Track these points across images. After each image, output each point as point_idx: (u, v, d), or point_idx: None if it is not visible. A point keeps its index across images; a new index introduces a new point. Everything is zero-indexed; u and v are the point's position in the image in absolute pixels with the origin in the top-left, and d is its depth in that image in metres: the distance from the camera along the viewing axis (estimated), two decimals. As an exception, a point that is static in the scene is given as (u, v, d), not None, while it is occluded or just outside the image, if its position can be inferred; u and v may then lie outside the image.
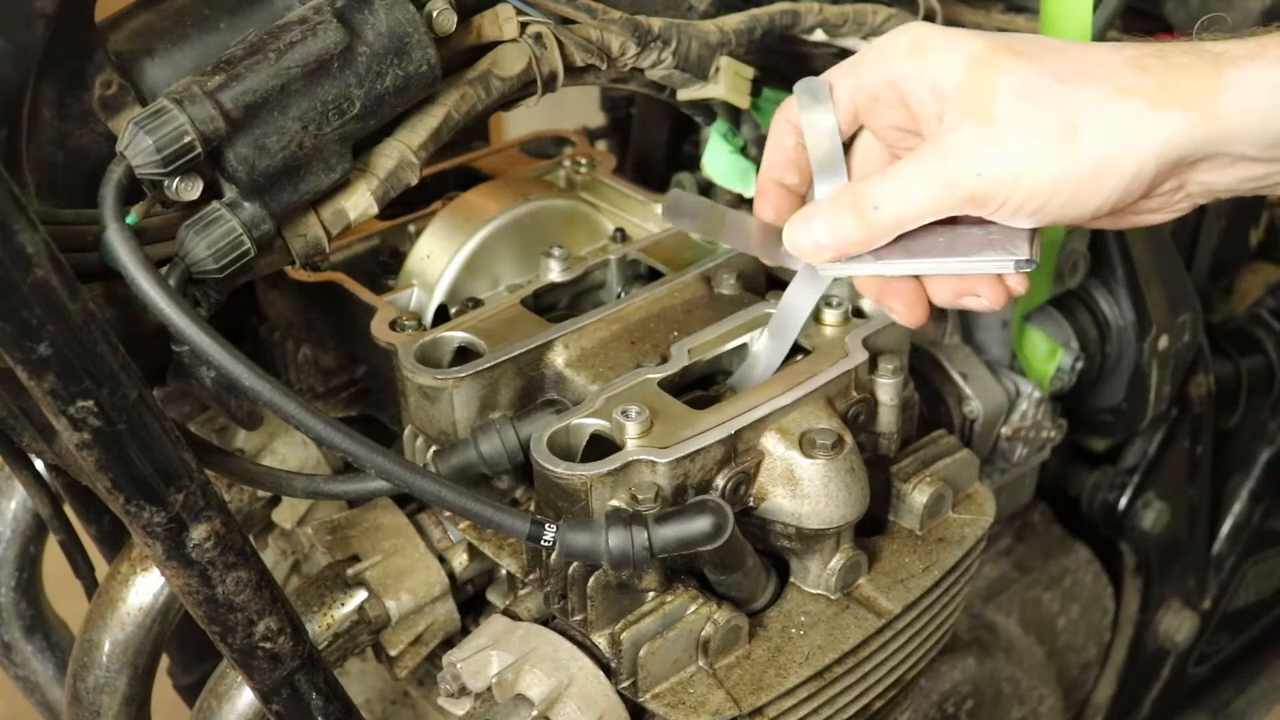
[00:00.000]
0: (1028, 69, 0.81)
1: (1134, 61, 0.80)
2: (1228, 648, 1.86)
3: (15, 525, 1.35)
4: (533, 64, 0.97)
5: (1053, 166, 0.80)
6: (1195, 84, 0.78)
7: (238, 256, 0.86)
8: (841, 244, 0.88)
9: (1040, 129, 0.79)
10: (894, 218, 0.85)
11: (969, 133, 0.81)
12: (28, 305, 0.66)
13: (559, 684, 0.92)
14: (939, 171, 0.83)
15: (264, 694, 0.88)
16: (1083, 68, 0.81)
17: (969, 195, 0.82)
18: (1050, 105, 0.79)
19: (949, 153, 0.82)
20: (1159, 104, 0.78)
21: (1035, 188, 0.80)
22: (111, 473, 0.73)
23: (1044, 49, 0.83)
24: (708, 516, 0.84)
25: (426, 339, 1.00)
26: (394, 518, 1.07)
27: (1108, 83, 0.80)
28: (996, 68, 0.81)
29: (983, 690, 1.39)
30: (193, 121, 0.81)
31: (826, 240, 0.88)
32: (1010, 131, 0.80)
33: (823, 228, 0.88)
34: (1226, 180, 0.83)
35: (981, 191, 0.82)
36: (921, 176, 0.84)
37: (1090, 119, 0.79)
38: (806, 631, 0.96)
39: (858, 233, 0.87)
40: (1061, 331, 1.40)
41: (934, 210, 0.84)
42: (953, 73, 0.83)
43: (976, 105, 0.81)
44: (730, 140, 1.19)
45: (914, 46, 0.85)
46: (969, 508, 1.06)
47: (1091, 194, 0.81)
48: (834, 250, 0.88)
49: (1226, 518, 1.74)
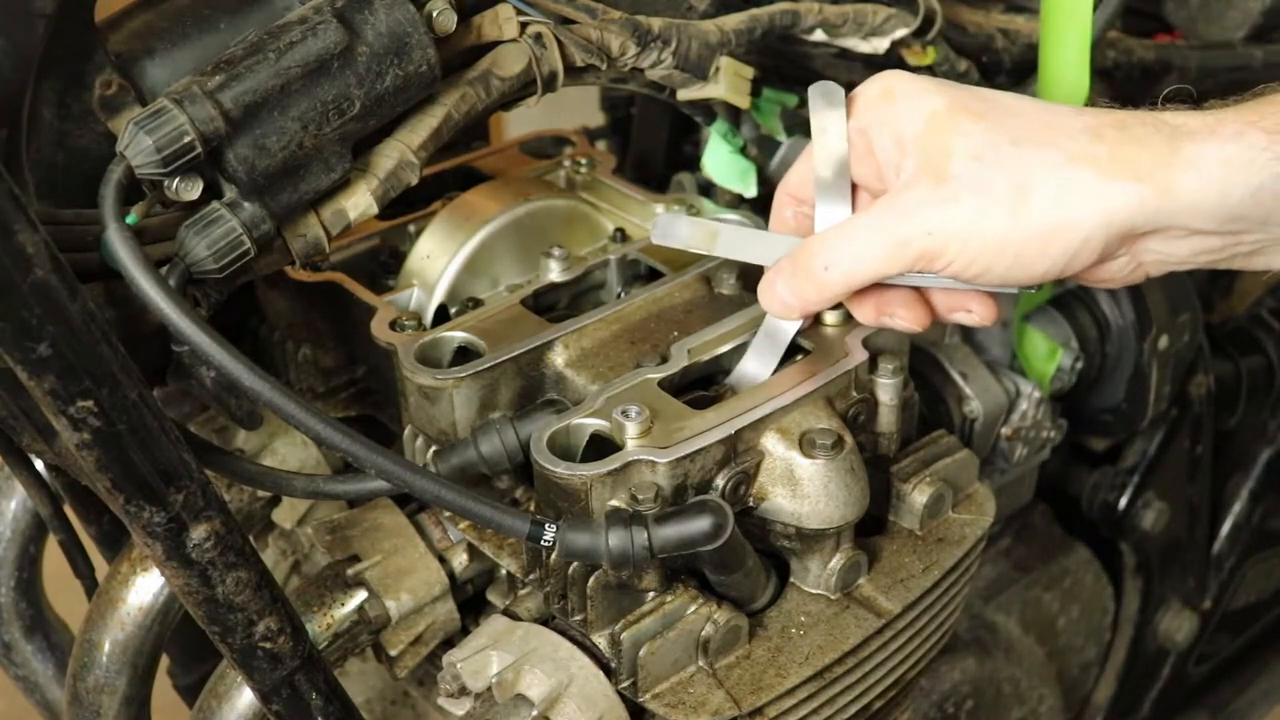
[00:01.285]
0: (985, 131, 0.82)
1: (1091, 130, 0.81)
2: (1228, 648, 1.86)
3: (15, 525, 1.35)
4: (533, 64, 0.97)
5: (1001, 228, 0.81)
6: (1149, 156, 0.79)
7: (238, 256, 0.86)
8: (804, 304, 0.91)
9: (992, 191, 0.81)
10: (844, 278, 0.88)
11: (923, 191, 0.83)
12: (28, 305, 0.66)
13: (559, 684, 0.92)
14: (891, 230, 0.84)
15: (264, 694, 0.88)
16: (1039, 133, 0.82)
17: (919, 253, 0.84)
18: (1004, 168, 0.81)
19: (902, 211, 0.84)
20: (1111, 175, 0.79)
21: (982, 249, 0.82)
22: (111, 473, 0.73)
23: (1005, 109, 0.84)
24: (708, 516, 0.84)
25: (426, 339, 1.00)
26: (394, 518, 1.07)
27: (1063, 149, 0.80)
28: (954, 128, 0.83)
29: (983, 690, 1.39)
30: (193, 121, 0.81)
31: (791, 300, 0.91)
32: (963, 192, 0.81)
33: (785, 289, 0.91)
34: (1180, 252, 0.83)
35: (931, 249, 0.83)
36: (874, 235, 0.85)
37: (1041, 185, 0.80)
38: (806, 631, 0.96)
39: (814, 294, 0.90)
40: (1061, 331, 1.40)
41: (885, 269, 0.86)
42: (913, 127, 0.84)
43: (933, 164, 0.83)
44: (730, 140, 1.19)
45: (883, 95, 0.87)
46: (969, 508, 1.06)
47: (1037, 259, 0.82)
48: (799, 309, 0.92)
49: (1226, 518, 1.74)
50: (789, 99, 1.20)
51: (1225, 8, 1.53)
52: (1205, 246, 0.82)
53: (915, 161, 0.84)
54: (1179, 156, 0.78)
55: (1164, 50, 1.39)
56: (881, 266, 0.86)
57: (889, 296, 0.92)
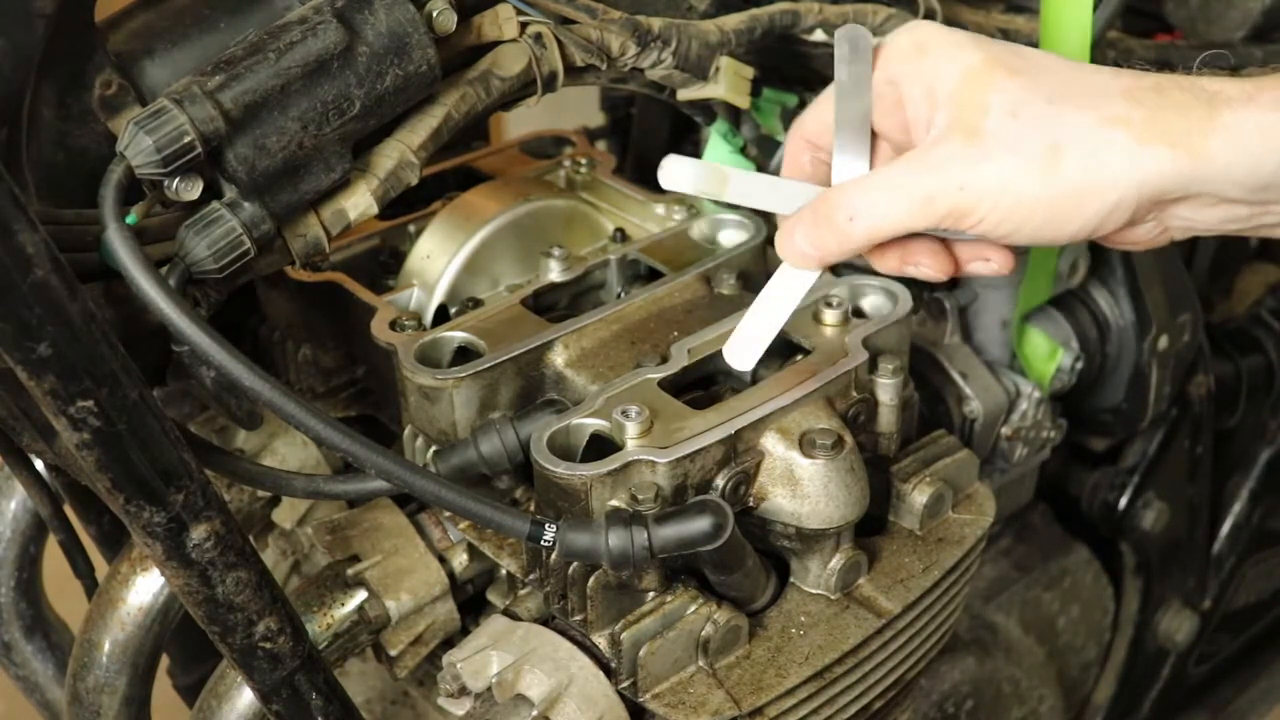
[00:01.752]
0: (1021, 88, 0.81)
1: (1129, 93, 0.80)
2: (1228, 648, 1.86)
3: (15, 525, 1.35)
4: (533, 64, 0.97)
5: (1033, 187, 0.80)
6: (1185, 122, 0.78)
7: (238, 256, 0.86)
8: (824, 255, 0.89)
9: (1025, 149, 0.80)
10: (868, 230, 0.86)
11: (955, 146, 0.82)
12: (28, 305, 0.66)
13: (559, 684, 0.92)
14: (920, 184, 0.83)
15: (264, 694, 0.88)
16: (1077, 92, 0.81)
17: (948, 209, 0.82)
18: (1039, 127, 0.80)
19: (933, 166, 0.82)
20: (1146, 139, 0.78)
21: (1015, 206, 0.81)
22: (111, 473, 0.73)
23: (1041, 68, 0.82)
24: (708, 516, 0.84)
25: (426, 339, 1.00)
26: (394, 518, 1.07)
27: (1099, 110, 0.80)
28: (990, 84, 0.81)
29: (983, 690, 1.39)
30: (193, 121, 0.81)
31: (810, 250, 0.89)
32: (996, 149, 0.80)
33: (805, 239, 0.89)
34: (1208, 220, 0.83)
35: (960, 206, 0.82)
36: (901, 188, 0.84)
37: (1075, 145, 0.79)
38: (806, 631, 0.96)
39: (836, 244, 0.87)
40: (1061, 331, 1.40)
41: (910, 223, 0.84)
42: (948, 81, 0.83)
43: (967, 119, 0.81)
44: (730, 140, 1.19)
45: (915, 48, 0.85)
46: (969, 508, 1.06)
47: (1069, 219, 0.81)
48: (818, 260, 0.89)
49: (1226, 518, 1.74)
50: (789, 99, 1.20)
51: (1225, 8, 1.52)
52: (1233, 215, 0.82)
53: (948, 116, 0.82)
54: (1215, 123, 0.77)
55: (1164, 50, 1.39)
56: (909, 220, 0.84)
57: (914, 246, 0.89)
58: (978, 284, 1.30)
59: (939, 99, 0.83)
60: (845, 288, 1.05)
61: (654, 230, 1.16)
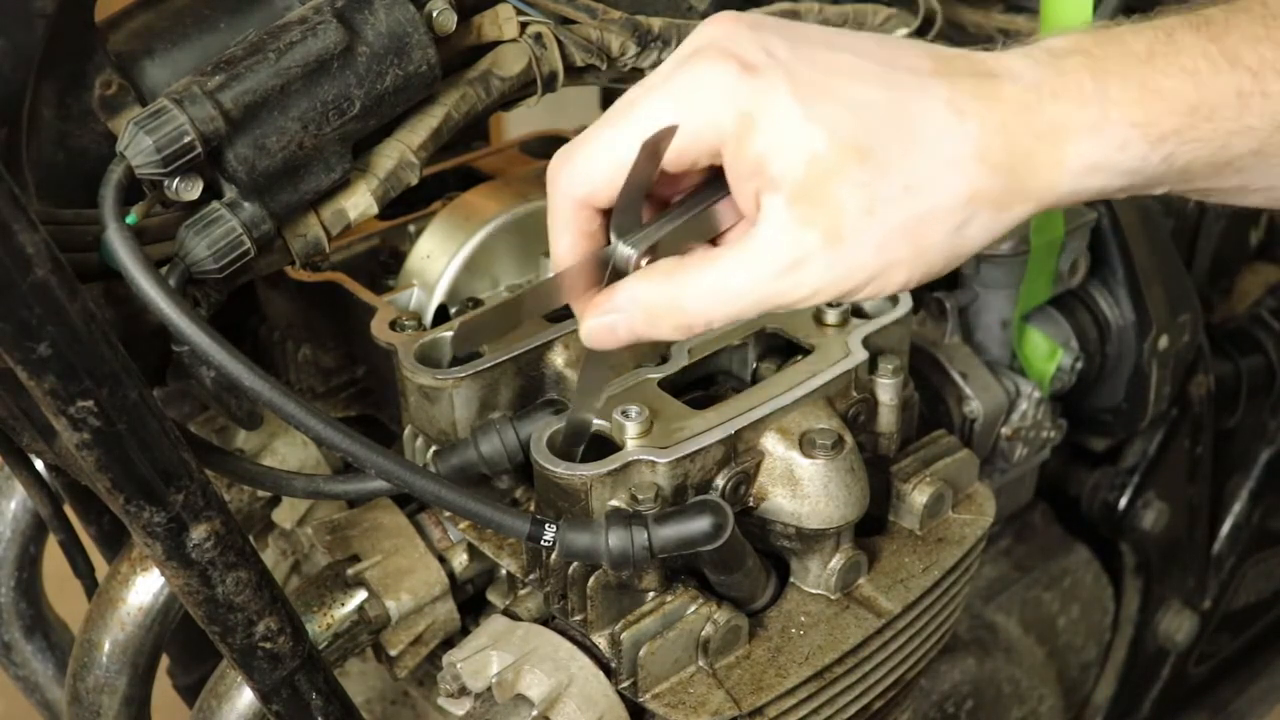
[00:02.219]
0: (875, 181, 0.73)
1: (982, 155, 0.74)
2: (1228, 648, 1.86)
3: (15, 525, 1.35)
4: (533, 64, 0.97)
5: (903, 276, 0.76)
6: (1039, 178, 0.74)
7: (238, 256, 0.86)
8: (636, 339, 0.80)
9: (892, 250, 0.74)
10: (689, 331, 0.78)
11: (814, 247, 0.74)
12: (28, 305, 0.66)
13: (559, 684, 0.92)
14: (772, 291, 0.76)
15: (264, 694, 0.88)
16: (932, 169, 0.73)
17: (798, 303, 0.77)
18: (903, 228, 0.74)
19: (789, 270, 0.75)
20: (1006, 206, 0.75)
21: (885, 291, 0.77)
22: (111, 473, 0.73)
23: (890, 136, 0.73)
24: (708, 516, 0.84)
25: (426, 339, 1.00)
26: (394, 518, 1.07)
27: (958, 188, 0.74)
28: (840, 176, 0.73)
29: (983, 690, 1.39)
30: (193, 121, 0.81)
31: (625, 339, 0.80)
32: (862, 253, 0.74)
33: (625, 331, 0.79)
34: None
35: (815, 302, 0.77)
36: (749, 296, 0.76)
37: (938, 232, 0.74)
38: (806, 631, 0.96)
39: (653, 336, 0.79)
40: (1061, 331, 1.40)
41: (749, 315, 0.78)
42: (789, 170, 0.73)
43: (822, 219, 0.73)
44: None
45: (741, 123, 0.74)
46: (969, 508, 1.06)
47: (929, 280, 0.78)
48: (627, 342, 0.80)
49: (1226, 518, 1.74)
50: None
51: (1220, 6, 1.52)
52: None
53: (794, 211, 0.73)
54: (1065, 167, 0.74)
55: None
56: (749, 312, 0.77)
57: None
58: (978, 284, 1.30)
59: (773, 183, 0.74)
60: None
61: (654, 230, 1.16)
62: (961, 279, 1.31)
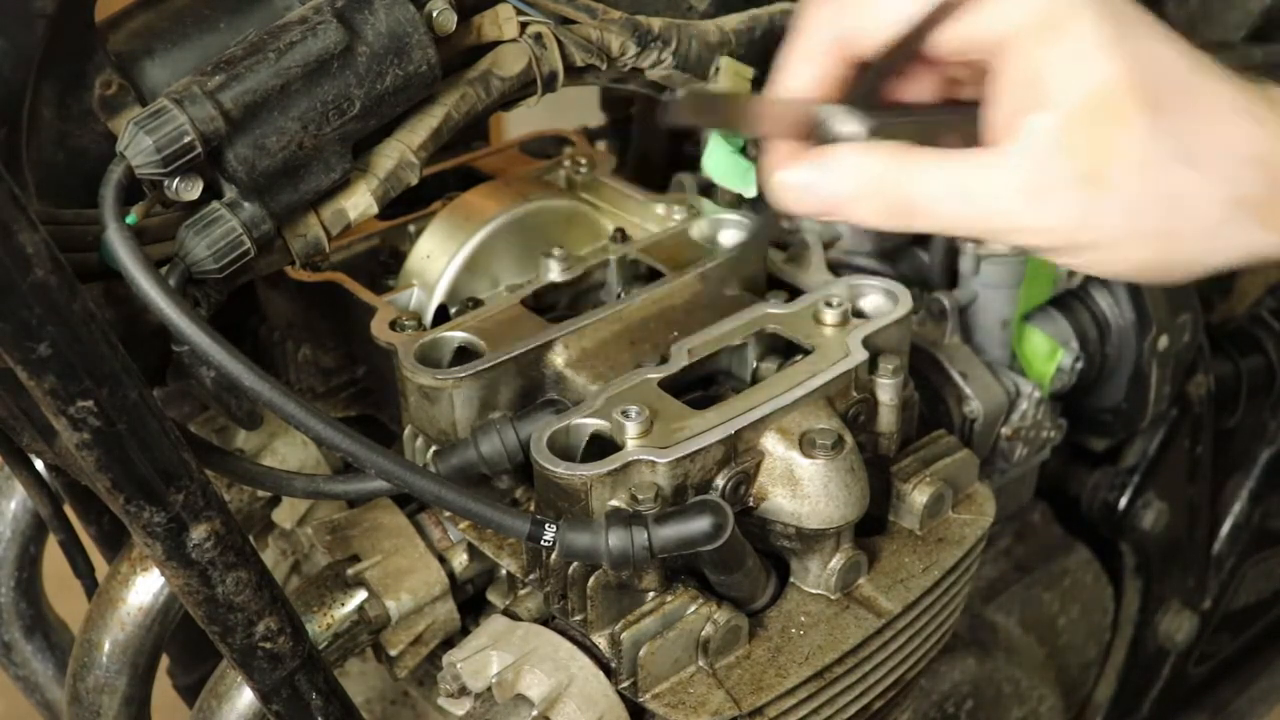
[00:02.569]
0: (1153, 134, 0.68)
1: (1267, 162, 0.70)
2: (1228, 648, 1.86)
3: (15, 525, 1.35)
4: (533, 64, 0.97)
5: (1142, 255, 0.72)
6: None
7: (238, 256, 0.86)
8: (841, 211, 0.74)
9: (1144, 222, 0.70)
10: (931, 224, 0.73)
11: (1069, 179, 0.69)
12: (28, 305, 0.66)
13: (559, 684, 0.92)
14: (1009, 204, 0.70)
15: (264, 694, 0.88)
16: (1212, 151, 0.70)
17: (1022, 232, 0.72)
18: (1162, 200, 0.70)
19: (1042, 193, 0.70)
20: (1271, 223, 0.71)
21: (1113, 264, 0.73)
22: (111, 473, 0.73)
23: (1184, 103, 0.70)
24: (708, 516, 0.84)
25: (426, 339, 1.00)
26: (394, 518, 1.07)
27: (1228, 186, 0.70)
28: (1121, 118, 0.68)
29: (983, 690, 1.39)
30: (193, 121, 0.81)
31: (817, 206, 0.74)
32: (1115, 209, 0.70)
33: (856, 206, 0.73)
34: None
35: (1057, 246, 0.73)
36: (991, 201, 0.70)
37: (1195, 226, 0.71)
38: (806, 631, 0.96)
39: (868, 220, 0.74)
40: (1061, 331, 1.40)
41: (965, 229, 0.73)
42: (1068, 92, 0.68)
43: (1089, 155, 0.69)
44: (730, 140, 1.19)
45: (1043, 24, 0.68)
46: (969, 508, 1.06)
47: (1164, 278, 0.75)
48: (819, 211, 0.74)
49: (1226, 518, 1.74)
50: (789, 99, 1.20)
51: (1225, 8, 1.52)
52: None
53: (1059, 137, 0.69)
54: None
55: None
56: (974, 228, 0.71)
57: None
58: (978, 283, 1.30)
59: (1047, 101, 0.69)
60: (845, 288, 1.05)
61: (654, 230, 1.16)
62: (961, 279, 1.31)
